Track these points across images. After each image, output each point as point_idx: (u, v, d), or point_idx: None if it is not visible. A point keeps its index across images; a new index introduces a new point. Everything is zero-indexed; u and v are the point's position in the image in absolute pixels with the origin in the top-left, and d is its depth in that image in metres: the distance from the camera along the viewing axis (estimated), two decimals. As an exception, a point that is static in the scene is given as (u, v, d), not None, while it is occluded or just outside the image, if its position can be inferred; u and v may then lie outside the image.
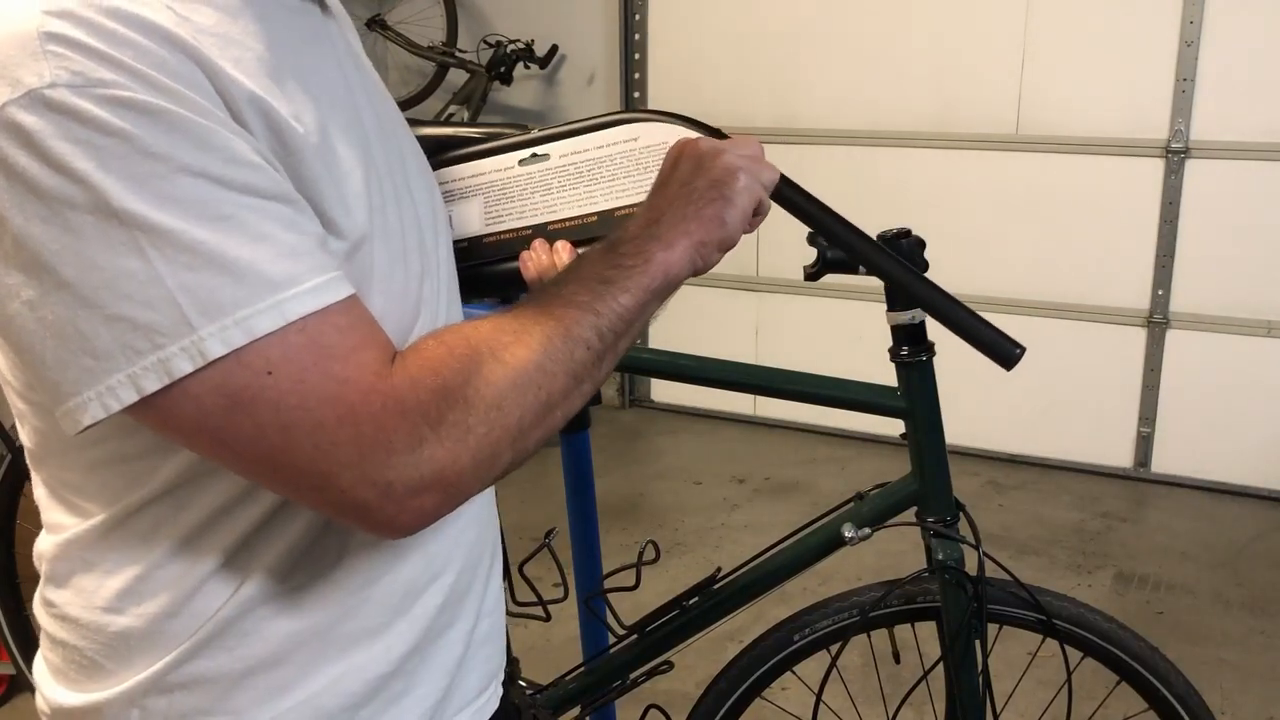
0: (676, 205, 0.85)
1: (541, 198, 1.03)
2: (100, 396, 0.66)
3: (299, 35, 0.78)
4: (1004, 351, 1.03)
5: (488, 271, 1.04)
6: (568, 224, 1.02)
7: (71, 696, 0.82)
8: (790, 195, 0.94)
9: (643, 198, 0.90)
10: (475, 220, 1.04)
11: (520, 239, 1.02)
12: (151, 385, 0.65)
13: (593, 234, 1.00)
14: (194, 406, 0.67)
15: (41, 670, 0.86)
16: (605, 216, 1.01)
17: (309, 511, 0.78)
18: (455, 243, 1.01)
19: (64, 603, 0.81)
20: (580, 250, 0.99)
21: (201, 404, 0.66)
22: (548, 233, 1.02)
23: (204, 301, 0.65)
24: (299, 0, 0.80)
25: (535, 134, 1.03)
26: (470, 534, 0.92)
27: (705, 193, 0.86)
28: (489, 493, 0.97)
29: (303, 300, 0.67)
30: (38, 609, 0.85)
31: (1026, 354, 1.04)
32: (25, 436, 0.80)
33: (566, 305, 0.78)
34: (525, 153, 1.04)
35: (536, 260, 1.00)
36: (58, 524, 0.81)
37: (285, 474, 0.69)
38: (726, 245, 0.87)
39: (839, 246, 1.00)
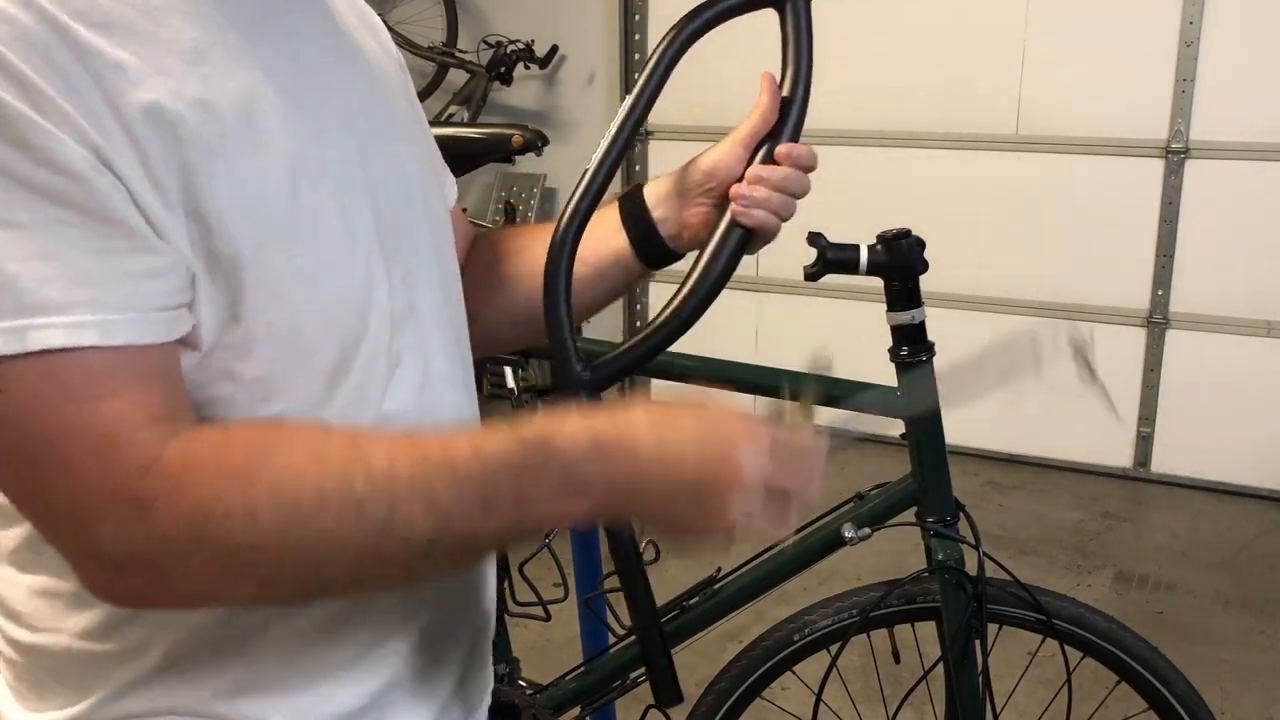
0: (653, 492, 0.75)
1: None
2: None
3: (252, 17, 0.73)
4: None
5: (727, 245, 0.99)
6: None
7: (26, 716, 0.79)
8: None
9: None
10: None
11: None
12: None
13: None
14: None
15: (1, 688, 0.82)
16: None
17: None
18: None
19: (5, 620, 0.78)
20: None
21: None
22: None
23: None
24: None
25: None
26: (425, 615, 0.86)
27: (690, 509, 0.76)
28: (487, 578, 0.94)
29: (52, 333, 0.61)
30: None
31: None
32: None
33: (411, 494, 0.68)
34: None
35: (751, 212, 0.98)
36: None
37: (14, 500, 0.67)
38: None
39: None
